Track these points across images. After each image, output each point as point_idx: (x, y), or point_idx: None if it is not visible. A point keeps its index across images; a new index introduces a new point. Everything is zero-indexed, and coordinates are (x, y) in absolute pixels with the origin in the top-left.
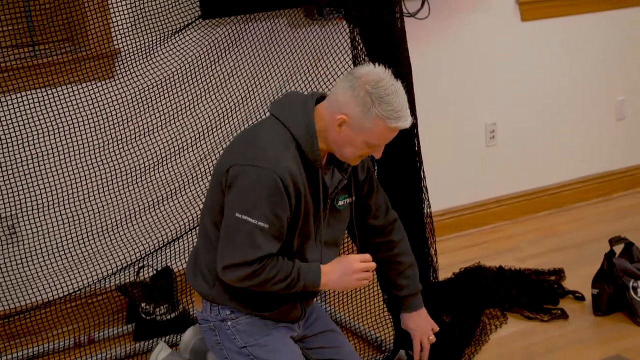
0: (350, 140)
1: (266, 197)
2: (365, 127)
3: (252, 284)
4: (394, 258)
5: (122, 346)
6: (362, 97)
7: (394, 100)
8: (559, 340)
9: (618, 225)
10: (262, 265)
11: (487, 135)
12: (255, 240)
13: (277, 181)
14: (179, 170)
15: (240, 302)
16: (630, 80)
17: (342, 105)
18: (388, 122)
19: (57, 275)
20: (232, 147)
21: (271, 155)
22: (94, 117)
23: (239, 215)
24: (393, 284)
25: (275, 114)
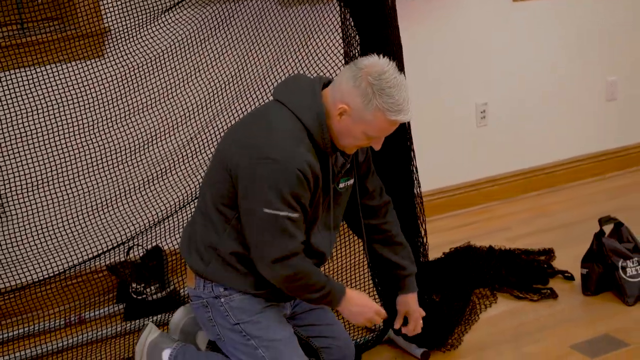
0: (350, 130)
1: (290, 190)
2: (365, 118)
3: (291, 286)
4: (393, 239)
5: (113, 326)
6: (363, 88)
7: (396, 93)
8: (548, 319)
9: (608, 205)
10: (303, 265)
11: (478, 115)
12: (290, 231)
13: (298, 174)
14: (170, 149)
15: (236, 280)
16: (621, 61)
17: (344, 95)
18: (388, 114)
19: (47, 255)
20: (242, 138)
21: (288, 147)
22: (83, 95)
23: (268, 210)
24: (394, 264)
25: (284, 101)
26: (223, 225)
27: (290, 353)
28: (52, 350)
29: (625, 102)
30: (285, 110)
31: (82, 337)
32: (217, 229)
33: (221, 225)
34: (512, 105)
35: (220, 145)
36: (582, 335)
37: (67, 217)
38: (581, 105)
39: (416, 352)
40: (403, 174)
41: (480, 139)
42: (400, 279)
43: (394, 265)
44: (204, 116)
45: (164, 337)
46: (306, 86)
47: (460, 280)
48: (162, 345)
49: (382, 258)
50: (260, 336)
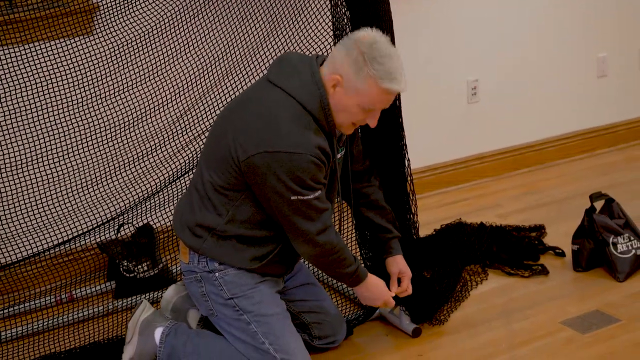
0: (344, 104)
1: (310, 176)
2: (357, 88)
3: (327, 260)
4: (377, 203)
5: (103, 304)
6: (355, 56)
7: (388, 62)
8: (539, 295)
9: (599, 181)
10: (339, 238)
11: (469, 92)
12: (320, 206)
13: (314, 160)
14: (159, 126)
15: (231, 256)
16: (611, 37)
17: (337, 66)
18: (380, 82)
19: (37, 233)
20: (247, 128)
21: (297, 136)
22: (72, 73)
23: (295, 197)
24: (379, 227)
25: (283, 86)
26: (225, 207)
27: (283, 328)
28: (42, 328)
29: (616, 79)
30: (286, 95)
31: (72, 315)
32: (218, 211)
33: (223, 208)
34: (503, 82)
35: (219, 129)
36: (573, 311)
37: (57, 194)
38: (572, 82)
39: (408, 328)
40: (393, 152)
41: (471, 116)
42: (385, 241)
43: (379, 228)
44: (194, 93)
45: (157, 316)
46: (304, 68)
47: (451, 257)
48: (155, 323)
49: (367, 221)
50: (253, 311)
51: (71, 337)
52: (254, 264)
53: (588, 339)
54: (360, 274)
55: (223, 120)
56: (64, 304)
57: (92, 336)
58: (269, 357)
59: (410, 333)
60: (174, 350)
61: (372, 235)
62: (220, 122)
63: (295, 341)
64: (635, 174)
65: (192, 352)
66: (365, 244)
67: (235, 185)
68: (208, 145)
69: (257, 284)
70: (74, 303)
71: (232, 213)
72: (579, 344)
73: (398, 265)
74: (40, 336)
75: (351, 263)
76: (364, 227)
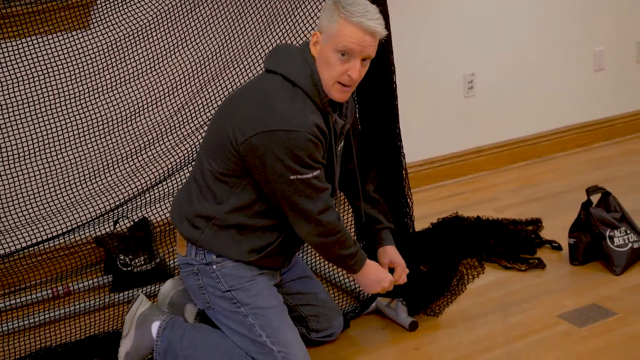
0: (324, 56)
1: (307, 154)
2: (331, 33)
3: (328, 241)
4: (369, 193)
5: (100, 297)
6: (329, 8)
7: (360, 3)
8: (535, 289)
9: (595, 175)
10: (339, 218)
11: (465, 85)
12: (319, 186)
13: (311, 137)
14: (157, 120)
15: (229, 248)
16: (608, 31)
17: (318, 26)
18: (350, 18)
19: (34, 226)
20: (244, 112)
21: (293, 114)
22: (69, 67)
23: (294, 176)
24: (370, 217)
25: (276, 69)
26: (226, 195)
27: (280, 321)
28: (38, 322)
29: (612, 73)
30: (279, 77)
31: (69, 308)
32: (218, 199)
33: (224, 195)
34: (500, 76)
35: (217, 119)
36: (570, 305)
37: (54, 187)
38: (568, 76)
39: (404, 321)
40: (389, 146)
41: (467, 110)
42: (376, 232)
43: (370, 218)
44: (191, 87)
45: (154, 310)
46: (296, 52)
47: (448, 251)
48: (152, 317)
49: (359, 211)
50: (250, 303)
51: (68, 331)
52: (252, 255)
53: (585, 333)
54: (361, 256)
55: (221, 111)
56: (60, 297)
57: (89, 330)
58: (266, 349)
59: (407, 326)
60: (170, 344)
61: (364, 226)
62: (218, 112)
63: (292, 334)
64: (631, 167)
65: (189, 346)
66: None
67: (235, 171)
68: (207, 136)
69: (255, 277)
70: (70, 296)
71: (233, 200)
72: (575, 338)
73: (388, 256)
74: (37, 329)
75: (352, 245)
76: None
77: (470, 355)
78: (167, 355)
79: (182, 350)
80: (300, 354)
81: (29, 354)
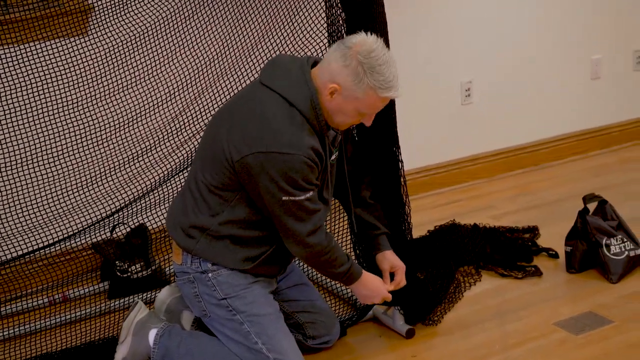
0: (342, 108)
1: (302, 177)
2: (357, 96)
3: (318, 260)
4: (365, 200)
5: (97, 304)
6: (354, 67)
7: (386, 71)
8: (532, 297)
9: (592, 183)
10: (331, 238)
11: (462, 93)
12: (311, 208)
13: (307, 161)
14: (154, 127)
15: (224, 257)
16: (606, 40)
17: (334, 75)
18: (379, 92)
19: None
20: (240, 129)
21: (290, 137)
22: (67, 73)
23: (286, 198)
24: (367, 223)
25: (275, 87)
26: (220, 207)
27: (275, 328)
28: (35, 329)
29: (610, 81)
30: (277, 96)
31: (65, 315)
32: (212, 211)
33: (218, 208)
34: (497, 84)
35: (212, 130)
36: (566, 313)
37: (51, 194)
38: (566, 84)
39: (401, 329)
40: (387, 153)
41: (464, 117)
42: (373, 238)
43: (366, 224)
44: (188, 94)
45: (152, 317)
46: (295, 69)
47: (444, 258)
48: (150, 324)
49: (355, 218)
50: (245, 311)
51: (65, 337)
52: (247, 264)
53: (581, 340)
54: (354, 272)
55: (216, 122)
56: (57, 304)
57: (86, 336)
58: (262, 356)
59: (404, 334)
60: (167, 351)
61: (361, 232)
62: (213, 124)
63: (288, 341)
64: (628, 175)
65: (185, 353)
66: (360, 244)
67: (229, 185)
68: (202, 147)
69: (250, 285)
70: (67, 303)
71: (227, 213)
72: (572, 345)
73: (388, 261)
74: (34, 336)
75: (343, 262)
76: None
77: None
78: None
79: (179, 358)
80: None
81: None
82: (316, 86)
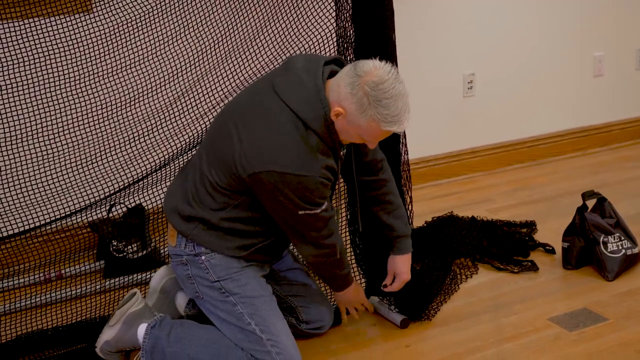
0: (345, 130)
1: (318, 194)
2: (359, 124)
3: (327, 261)
4: (383, 197)
5: (92, 283)
6: (360, 97)
7: (392, 105)
8: (527, 291)
9: (591, 180)
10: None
11: (465, 85)
12: (325, 217)
13: (321, 181)
14: (156, 107)
15: (219, 245)
16: (609, 37)
17: (341, 99)
18: (382, 125)
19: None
20: (252, 142)
21: (305, 158)
22: (70, 50)
23: (302, 212)
24: (383, 224)
25: (290, 104)
26: (224, 204)
27: (268, 310)
28: (29, 305)
29: (612, 79)
30: (292, 115)
31: (60, 293)
32: (215, 206)
33: (222, 204)
34: (499, 78)
35: (225, 127)
36: (561, 309)
37: (51, 171)
38: (568, 81)
39: (396, 319)
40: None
41: (465, 110)
42: (389, 240)
43: (383, 225)
44: (191, 75)
45: (145, 311)
46: (310, 84)
47: (441, 250)
48: (142, 318)
49: (373, 216)
50: (239, 293)
51: (58, 315)
52: (241, 252)
53: (575, 337)
54: (349, 279)
55: (225, 118)
56: (52, 281)
57: (80, 314)
58: (255, 337)
59: (399, 324)
60: (158, 340)
61: (378, 232)
62: (226, 120)
63: (281, 323)
64: (627, 174)
65: (175, 341)
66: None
67: (236, 188)
68: (212, 138)
69: (243, 268)
70: (62, 281)
71: (230, 210)
72: (566, 341)
73: (394, 267)
74: (28, 313)
75: (347, 265)
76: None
77: (460, 355)
78: (154, 352)
79: (169, 346)
80: (288, 342)
81: (19, 336)
82: (329, 102)
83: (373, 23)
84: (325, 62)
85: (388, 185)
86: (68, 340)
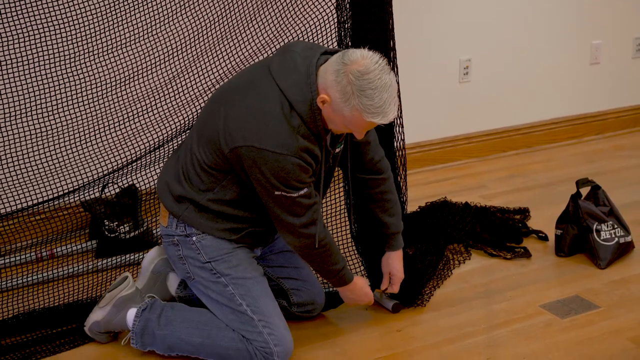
0: (331, 118)
1: (294, 177)
2: (343, 113)
3: (311, 252)
4: (380, 196)
5: (84, 262)
6: (343, 85)
7: (376, 95)
8: (520, 278)
9: (585, 168)
10: (327, 235)
11: (461, 71)
12: (304, 203)
13: (299, 163)
14: (151, 87)
15: (210, 227)
16: (606, 25)
17: (327, 86)
18: (364, 115)
19: (22, 188)
20: (237, 118)
21: (286, 138)
22: (65, 26)
23: (279, 192)
24: (380, 222)
25: (280, 85)
26: (211, 184)
27: (260, 291)
28: (20, 284)
29: (608, 67)
30: (280, 95)
31: (52, 272)
32: (203, 187)
33: (209, 184)
34: (496, 64)
35: (214, 106)
36: (553, 296)
37: (44, 150)
38: (564, 68)
39: (387, 304)
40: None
41: (461, 96)
42: (383, 237)
43: (379, 223)
44: (188, 55)
45: (136, 296)
46: (303, 69)
47: (434, 235)
48: (132, 303)
49: (370, 214)
50: (230, 274)
51: (50, 295)
52: (231, 235)
53: (566, 324)
54: (346, 276)
55: (217, 99)
56: (44, 260)
57: (71, 294)
58: (246, 318)
59: (390, 309)
60: (148, 322)
61: (374, 229)
62: (216, 99)
63: (272, 304)
64: (621, 162)
65: (166, 323)
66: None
67: (221, 167)
68: (202, 119)
69: (235, 249)
70: (54, 260)
71: (218, 191)
72: (557, 328)
73: (389, 266)
74: (19, 291)
75: (337, 262)
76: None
77: (451, 340)
78: (144, 335)
79: (159, 329)
80: (280, 323)
81: (11, 316)
82: (317, 88)
83: (372, 7)
84: (325, 52)
85: (387, 183)
86: (59, 320)
